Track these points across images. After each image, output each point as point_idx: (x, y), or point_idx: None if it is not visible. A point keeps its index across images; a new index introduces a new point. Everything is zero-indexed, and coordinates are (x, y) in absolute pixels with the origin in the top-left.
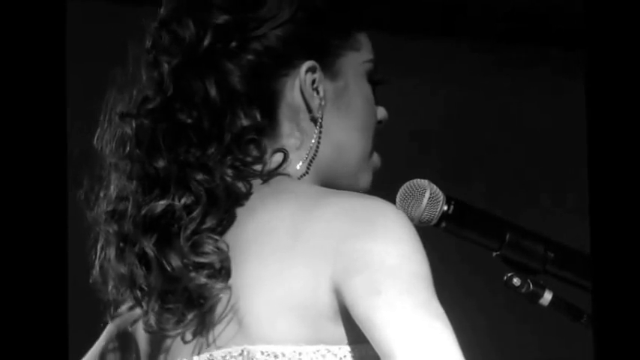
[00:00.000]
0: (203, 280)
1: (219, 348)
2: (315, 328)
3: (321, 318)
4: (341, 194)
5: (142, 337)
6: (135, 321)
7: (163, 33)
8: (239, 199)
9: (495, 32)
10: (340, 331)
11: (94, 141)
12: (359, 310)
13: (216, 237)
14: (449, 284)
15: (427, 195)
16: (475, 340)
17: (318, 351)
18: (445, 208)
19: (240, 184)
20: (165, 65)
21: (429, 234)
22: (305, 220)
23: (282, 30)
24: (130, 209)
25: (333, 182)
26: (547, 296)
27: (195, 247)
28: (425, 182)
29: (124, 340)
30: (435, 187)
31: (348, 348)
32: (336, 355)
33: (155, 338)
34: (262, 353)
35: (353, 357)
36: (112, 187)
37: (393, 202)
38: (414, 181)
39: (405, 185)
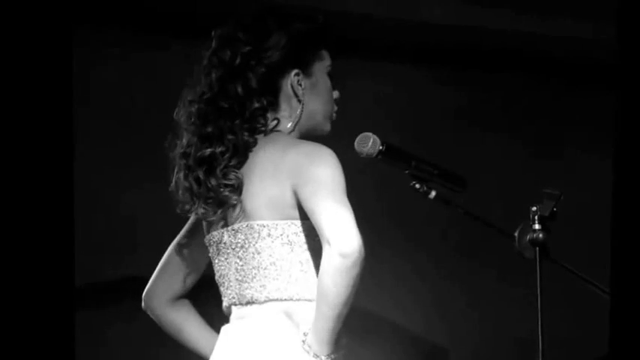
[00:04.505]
0: (227, 193)
1: (236, 224)
2: (284, 212)
3: (286, 207)
4: (301, 142)
5: (204, 222)
6: (189, 208)
7: (213, 57)
8: (250, 147)
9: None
10: (296, 213)
11: (174, 115)
12: (307, 205)
13: (237, 170)
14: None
15: (371, 140)
16: None
17: (286, 223)
18: (380, 147)
19: (251, 140)
20: (213, 75)
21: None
22: (282, 157)
23: (279, 53)
24: (192, 152)
25: (310, 132)
26: (432, 193)
27: (224, 175)
28: (370, 133)
29: (198, 222)
30: (375, 136)
31: (300, 222)
32: (295, 224)
33: (207, 223)
34: (257, 225)
35: (306, 225)
36: (184, 140)
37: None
38: (365, 133)
39: (360, 135)
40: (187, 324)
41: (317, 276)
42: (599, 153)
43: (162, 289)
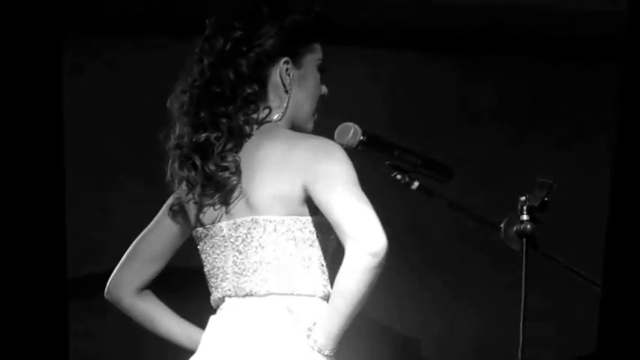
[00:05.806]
0: (227, 175)
1: (237, 218)
2: (292, 208)
3: (294, 203)
4: (307, 137)
5: (190, 207)
6: (185, 198)
7: (205, 44)
8: (245, 134)
9: None
10: (305, 209)
11: (167, 104)
12: (322, 201)
13: (234, 153)
14: None
15: (352, 130)
16: None
17: (292, 219)
18: (361, 137)
19: (246, 126)
20: (206, 61)
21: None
22: (288, 152)
23: (271, 41)
24: (186, 140)
25: (295, 125)
26: (415, 184)
27: (222, 158)
28: (351, 124)
29: (180, 205)
30: (356, 126)
31: (309, 217)
32: (301, 220)
33: (198, 208)
34: (263, 220)
35: (312, 222)
36: (177, 130)
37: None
38: (346, 123)
39: (340, 125)
40: (158, 313)
41: (320, 272)
42: (585, 142)
43: (130, 278)
